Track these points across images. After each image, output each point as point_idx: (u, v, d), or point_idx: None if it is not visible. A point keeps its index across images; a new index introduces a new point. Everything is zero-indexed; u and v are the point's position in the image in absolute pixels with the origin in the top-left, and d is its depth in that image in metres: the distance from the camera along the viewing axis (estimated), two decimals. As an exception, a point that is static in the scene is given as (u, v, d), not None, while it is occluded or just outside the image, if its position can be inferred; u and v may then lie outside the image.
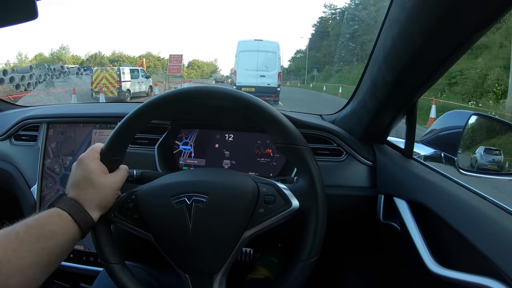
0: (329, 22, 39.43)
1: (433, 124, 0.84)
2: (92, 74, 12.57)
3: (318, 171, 0.53)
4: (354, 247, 1.01)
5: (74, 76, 14.45)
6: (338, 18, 36.24)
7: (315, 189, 0.52)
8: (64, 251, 0.46)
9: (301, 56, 45.82)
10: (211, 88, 0.54)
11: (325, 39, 37.63)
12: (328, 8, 40.16)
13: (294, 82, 37.96)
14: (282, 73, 22.09)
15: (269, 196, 0.52)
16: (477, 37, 0.46)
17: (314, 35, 42.70)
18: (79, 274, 0.96)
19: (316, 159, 0.54)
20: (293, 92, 19.76)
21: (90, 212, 0.49)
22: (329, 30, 37.76)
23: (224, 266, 0.51)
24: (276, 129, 0.53)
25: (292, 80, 39.75)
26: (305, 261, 0.51)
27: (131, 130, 0.55)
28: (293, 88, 26.01)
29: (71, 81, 13.38)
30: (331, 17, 39.49)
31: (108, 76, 11.93)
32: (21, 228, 0.42)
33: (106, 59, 56.69)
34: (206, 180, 0.54)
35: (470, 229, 0.51)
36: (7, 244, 0.40)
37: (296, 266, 0.51)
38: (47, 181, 1.00)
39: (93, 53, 57.02)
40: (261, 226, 0.52)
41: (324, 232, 0.52)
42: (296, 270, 0.51)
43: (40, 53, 51.62)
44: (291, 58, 51.86)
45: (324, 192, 0.53)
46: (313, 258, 0.51)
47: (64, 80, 13.34)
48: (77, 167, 0.52)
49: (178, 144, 0.94)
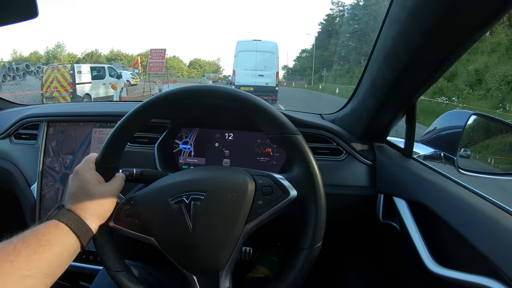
0: (336, 20, 38.62)
1: (433, 124, 0.84)
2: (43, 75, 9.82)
3: (313, 157, 0.53)
4: (353, 247, 1.02)
5: (33, 77, 11.81)
6: (347, 15, 35.34)
7: (312, 176, 0.52)
8: (63, 262, 0.46)
9: (307, 55, 44.65)
10: (196, 87, 0.54)
11: (333, 37, 36.90)
12: (335, 5, 39.39)
13: (300, 82, 36.18)
14: (287, 74, 21.44)
15: (267, 187, 0.52)
16: (477, 36, 0.46)
17: (320, 33, 41.66)
18: (78, 272, 0.96)
19: (309, 146, 0.53)
20: (299, 94, 18.38)
21: (88, 222, 0.49)
22: (337, 28, 36.99)
23: (228, 262, 0.51)
24: (266, 120, 0.53)
25: (298, 81, 38.12)
26: (308, 248, 0.51)
27: (124, 136, 0.55)
28: (299, 89, 24.59)
29: (26, 83, 10.99)
30: (338, 15, 38.76)
31: (59, 77, 9.40)
32: (18, 241, 0.43)
33: (103, 57, 55.28)
34: (203, 178, 0.54)
35: (470, 229, 0.51)
36: (5, 256, 0.40)
37: (300, 255, 0.51)
38: (47, 179, 1.00)
39: (89, 51, 55.48)
40: (262, 218, 0.52)
41: (325, 217, 0.52)
42: (300, 259, 0.51)
43: (35, 51, 50.32)
44: (296, 58, 50.63)
45: (321, 178, 0.52)
46: (317, 245, 0.51)
47: (17, 83, 10.85)
48: (73, 178, 0.52)
49: (178, 143, 0.94)
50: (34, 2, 0.61)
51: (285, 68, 51.87)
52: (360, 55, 24.57)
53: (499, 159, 0.81)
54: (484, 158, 0.79)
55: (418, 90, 0.63)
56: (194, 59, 68.39)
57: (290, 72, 49.12)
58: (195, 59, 67.97)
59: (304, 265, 0.51)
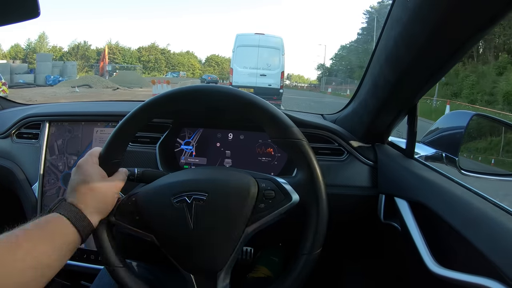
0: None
1: (434, 124, 0.84)
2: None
3: (317, 163, 0.53)
4: (354, 247, 1.01)
5: None
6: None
7: (314, 182, 0.52)
8: (63, 256, 0.46)
9: (356, 46, 33.99)
10: (197, 88, 0.54)
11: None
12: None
13: (342, 87, 25.66)
14: (323, 75, 17.61)
15: (269, 191, 0.52)
16: (479, 37, 0.46)
17: (369, 21, 33.53)
18: (79, 272, 0.96)
19: (313, 152, 0.53)
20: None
21: (89, 216, 0.49)
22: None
23: (227, 263, 0.51)
24: (271, 123, 0.53)
25: (338, 85, 27.63)
26: (308, 254, 0.51)
27: (128, 132, 0.55)
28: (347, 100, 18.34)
29: None
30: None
31: None
32: (20, 232, 0.43)
33: (93, 51, 50.25)
34: (206, 178, 0.54)
35: (471, 230, 0.51)
36: (7, 248, 0.41)
37: (300, 260, 0.51)
38: (49, 177, 1.00)
39: (77, 43, 49.70)
40: (263, 222, 0.51)
41: (326, 224, 0.52)
42: (299, 264, 0.51)
43: (17, 44, 44.86)
44: (335, 55, 40.90)
45: (324, 184, 0.52)
46: (316, 251, 0.51)
47: None
48: (76, 172, 0.52)
49: (181, 143, 0.94)
50: (36, 2, 0.61)
51: (321, 68, 42.95)
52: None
53: (501, 160, 0.81)
54: (486, 158, 0.79)
55: (420, 91, 0.63)
56: (211, 55, 61.65)
57: (326, 73, 38.65)
58: (212, 55, 61.28)
59: (303, 270, 0.51)
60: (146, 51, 55.51)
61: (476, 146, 0.75)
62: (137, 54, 55.00)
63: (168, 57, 56.98)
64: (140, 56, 54.96)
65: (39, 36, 44.17)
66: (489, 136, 0.80)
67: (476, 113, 0.75)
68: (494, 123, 0.81)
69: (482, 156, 0.79)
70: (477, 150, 0.81)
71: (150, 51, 55.70)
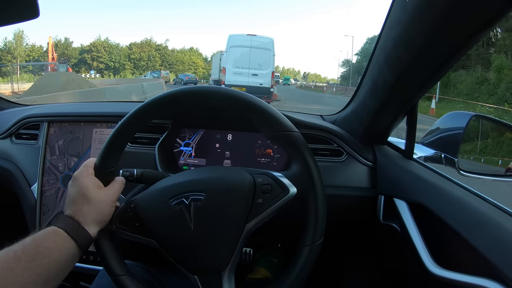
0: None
1: (434, 125, 0.84)
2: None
3: (310, 154, 0.53)
4: (354, 248, 1.01)
5: None
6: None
7: (310, 172, 0.52)
8: (63, 269, 0.46)
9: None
10: (184, 89, 0.54)
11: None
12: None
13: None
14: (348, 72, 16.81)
15: (266, 185, 0.52)
16: (478, 38, 0.46)
17: None
18: (79, 273, 0.96)
19: (306, 143, 0.53)
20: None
21: (87, 228, 0.49)
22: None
23: (231, 261, 0.51)
24: (261, 118, 0.53)
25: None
26: (310, 245, 0.51)
27: (123, 139, 0.55)
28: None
29: None
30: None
31: None
32: (19, 247, 0.43)
33: (75, 50, 44.97)
34: (202, 178, 0.54)
35: (470, 231, 0.51)
36: (6, 263, 0.41)
37: (302, 251, 0.51)
38: (49, 177, 1.00)
39: (57, 40, 43.21)
40: (262, 216, 0.52)
41: (326, 213, 0.52)
42: (302, 256, 0.51)
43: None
44: (361, 49, 34.53)
45: (320, 174, 0.52)
46: (318, 241, 0.51)
47: None
48: (72, 184, 0.52)
49: (180, 144, 0.94)
50: (35, 2, 0.61)
51: (347, 65, 37.03)
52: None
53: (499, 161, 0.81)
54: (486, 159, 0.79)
55: (419, 92, 0.63)
56: (217, 51, 60.68)
57: (350, 69, 32.65)
58: (218, 52, 59.98)
59: (306, 262, 0.50)
60: (138, 48, 49.69)
61: (475, 147, 0.75)
62: (127, 52, 49.62)
63: (164, 54, 51.80)
64: (130, 53, 48.98)
65: (15, 35, 38.29)
66: (488, 137, 0.81)
67: (475, 114, 0.75)
68: (493, 124, 0.81)
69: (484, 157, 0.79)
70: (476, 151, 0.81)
71: (143, 47, 50.39)
